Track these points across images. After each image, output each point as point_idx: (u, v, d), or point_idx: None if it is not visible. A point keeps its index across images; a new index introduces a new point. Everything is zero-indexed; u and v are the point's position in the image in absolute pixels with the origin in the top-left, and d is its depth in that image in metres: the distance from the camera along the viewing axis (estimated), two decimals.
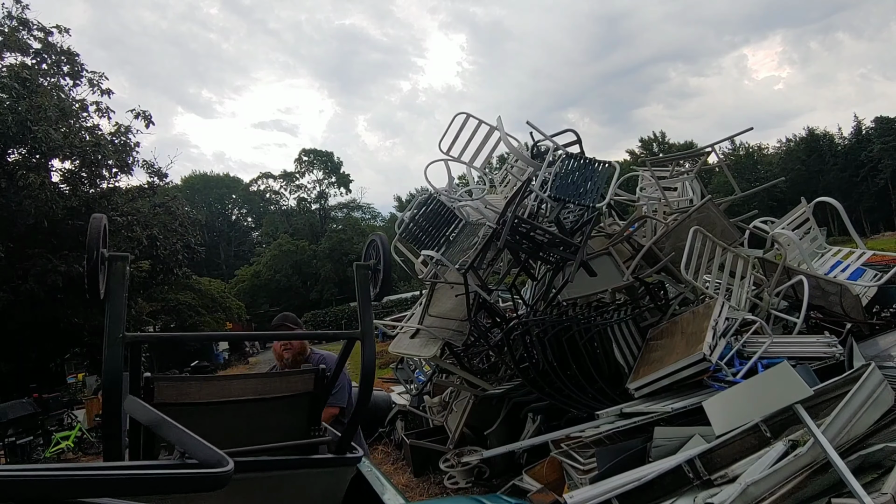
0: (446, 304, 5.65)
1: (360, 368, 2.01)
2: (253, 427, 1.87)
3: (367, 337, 1.95)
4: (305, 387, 2.01)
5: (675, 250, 4.72)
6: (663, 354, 4.24)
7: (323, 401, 2.09)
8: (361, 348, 1.97)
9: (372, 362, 2.00)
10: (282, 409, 1.97)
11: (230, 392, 1.88)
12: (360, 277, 2.05)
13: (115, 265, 1.53)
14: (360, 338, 1.94)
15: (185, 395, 1.77)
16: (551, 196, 5.38)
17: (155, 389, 1.69)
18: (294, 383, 2.00)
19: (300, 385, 2.01)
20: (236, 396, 1.87)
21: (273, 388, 1.95)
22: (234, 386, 1.91)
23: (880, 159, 51.33)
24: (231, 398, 1.86)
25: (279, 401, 1.95)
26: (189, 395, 1.79)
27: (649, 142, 65.56)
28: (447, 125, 6.29)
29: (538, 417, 4.95)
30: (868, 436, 2.85)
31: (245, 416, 1.88)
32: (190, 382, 1.85)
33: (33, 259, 13.08)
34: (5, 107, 12.39)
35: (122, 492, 0.86)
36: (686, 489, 2.89)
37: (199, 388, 1.84)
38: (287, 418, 1.97)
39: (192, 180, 62.98)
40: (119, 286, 1.52)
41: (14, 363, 14.72)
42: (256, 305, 48.86)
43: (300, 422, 2.01)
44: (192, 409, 1.76)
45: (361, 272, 2.07)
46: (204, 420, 1.74)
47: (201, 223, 23.69)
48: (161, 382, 1.73)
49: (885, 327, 4.55)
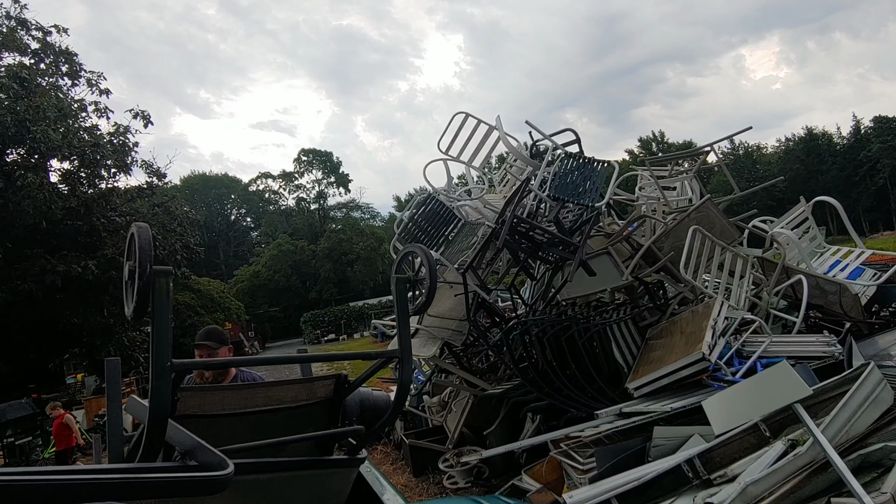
0: (445, 304, 5.65)
1: (398, 387, 1.95)
2: (276, 436, 1.81)
3: (406, 356, 1.84)
4: (326, 393, 1.95)
5: (675, 250, 4.72)
6: (662, 354, 4.24)
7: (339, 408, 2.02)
8: (400, 368, 1.88)
9: (409, 382, 1.91)
10: (303, 416, 1.91)
11: (254, 401, 1.80)
12: (400, 291, 1.88)
13: (159, 282, 1.31)
14: (399, 356, 1.84)
15: (208, 406, 1.71)
16: (550, 195, 5.39)
17: (179, 401, 1.61)
18: (316, 390, 1.94)
19: (322, 391, 1.94)
20: (260, 406, 1.80)
21: (296, 396, 1.89)
22: (258, 394, 1.84)
23: (879, 159, 51.38)
24: (255, 408, 1.79)
25: (301, 409, 1.89)
26: (212, 405, 1.72)
27: (648, 141, 65.60)
28: (446, 125, 6.30)
29: (537, 417, 4.95)
30: (867, 435, 2.85)
31: (268, 425, 1.81)
32: (213, 392, 1.79)
33: (32, 259, 13.05)
34: (4, 107, 12.38)
35: (121, 495, 0.86)
36: (685, 489, 2.89)
37: (221, 397, 1.78)
38: (308, 426, 1.92)
39: (191, 180, 62.91)
40: (164, 306, 1.32)
41: (13, 364, 14.71)
42: (256, 305, 48.86)
43: (321, 430, 1.96)
44: (216, 420, 1.70)
45: (401, 286, 1.89)
46: (227, 430, 1.69)
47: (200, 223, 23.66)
48: (185, 393, 1.65)
49: (884, 326, 4.56)
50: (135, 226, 1.38)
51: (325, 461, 1.94)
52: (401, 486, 5.43)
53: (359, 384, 1.99)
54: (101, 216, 14.40)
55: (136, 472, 1.01)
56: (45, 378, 16.07)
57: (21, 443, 9.51)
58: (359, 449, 1.94)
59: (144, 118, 15.66)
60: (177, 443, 1.33)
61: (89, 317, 14.42)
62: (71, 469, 0.95)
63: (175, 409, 1.57)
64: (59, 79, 15.86)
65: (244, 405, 1.79)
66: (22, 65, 14.61)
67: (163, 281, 1.32)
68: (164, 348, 1.33)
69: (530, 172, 5.86)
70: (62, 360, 17.76)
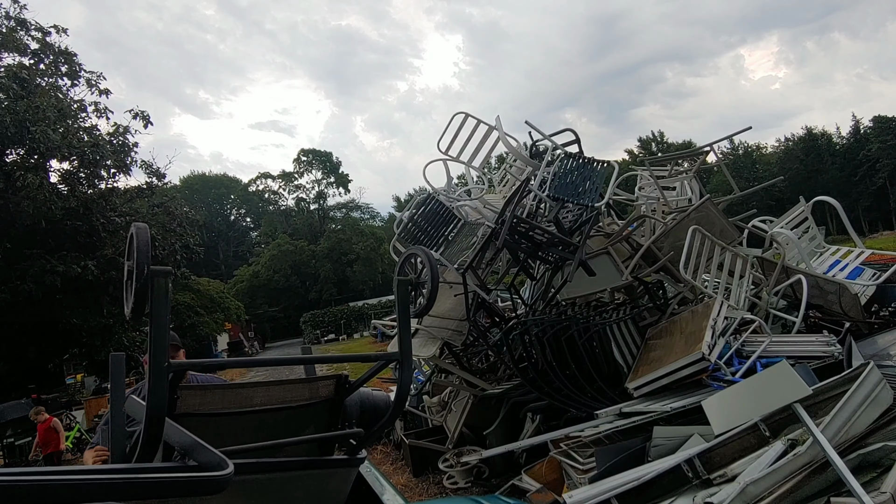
0: (445, 304, 5.65)
1: (397, 389, 1.95)
2: (276, 436, 1.81)
3: (407, 359, 1.84)
4: (327, 392, 1.95)
5: (674, 250, 4.72)
6: (662, 354, 4.24)
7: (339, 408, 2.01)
8: (400, 370, 1.88)
9: (408, 384, 1.90)
10: (304, 416, 1.91)
11: (254, 400, 1.80)
12: (402, 294, 1.87)
13: (157, 282, 1.31)
14: (399, 359, 1.84)
15: (208, 405, 1.71)
16: (550, 195, 5.39)
17: (178, 399, 1.61)
18: (317, 389, 1.93)
19: (323, 391, 1.94)
20: (260, 405, 1.80)
21: (297, 396, 1.88)
22: (258, 393, 1.83)
23: (878, 158, 51.41)
24: (255, 407, 1.79)
25: (302, 408, 1.88)
26: (212, 404, 1.72)
27: (648, 141, 65.61)
28: (445, 125, 6.30)
29: (537, 417, 4.95)
30: (867, 435, 2.86)
31: (269, 425, 1.81)
32: (213, 392, 1.79)
33: (31, 259, 13.04)
34: (3, 107, 12.36)
35: (121, 496, 0.86)
36: (685, 489, 2.89)
37: (222, 396, 1.77)
38: (309, 425, 1.92)
39: (191, 180, 62.88)
40: (162, 306, 1.32)
41: (12, 364, 14.69)
42: (255, 306, 48.82)
43: (321, 430, 1.96)
44: (216, 419, 1.70)
45: (402, 288, 1.88)
46: (228, 429, 1.70)
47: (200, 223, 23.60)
48: (184, 391, 1.65)
49: (883, 326, 4.56)
50: (134, 226, 1.38)
51: (325, 461, 1.93)
52: (401, 486, 5.43)
53: (359, 385, 1.98)
54: (101, 216, 14.38)
55: (136, 473, 1.01)
56: (45, 378, 16.07)
57: (21, 443, 9.51)
58: (358, 449, 1.94)
59: (144, 118, 15.64)
60: (176, 443, 1.33)
61: (89, 317, 14.40)
62: (71, 469, 0.95)
63: (175, 407, 1.58)
64: (59, 79, 15.84)
65: (244, 405, 1.79)
66: (21, 65, 14.58)
67: (161, 282, 1.32)
68: (161, 349, 1.33)
69: (530, 172, 5.86)
70: (62, 361, 17.76)
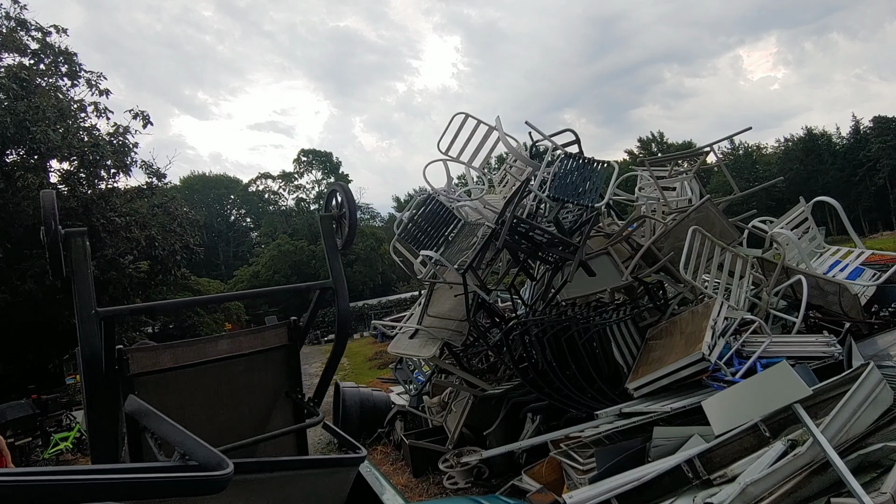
0: (445, 305, 5.65)
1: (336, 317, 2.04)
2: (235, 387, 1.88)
3: (340, 285, 1.98)
4: (279, 340, 2.02)
5: (674, 250, 4.72)
6: (662, 354, 4.24)
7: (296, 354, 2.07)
8: (335, 298, 1.99)
9: (347, 310, 2.03)
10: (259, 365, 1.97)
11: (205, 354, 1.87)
12: (326, 228, 2.06)
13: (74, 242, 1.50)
14: (332, 287, 1.95)
15: (159, 363, 1.77)
16: (550, 196, 5.39)
17: (129, 360, 1.69)
18: (266, 338, 2.01)
19: (273, 339, 2.02)
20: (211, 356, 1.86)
21: (246, 345, 1.95)
22: (207, 348, 1.90)
23: (878, 159, 51.43)
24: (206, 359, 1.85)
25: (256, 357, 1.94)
26: (164, 362, 1.79)
27: (648, 142, 65.61)
28: (445, 125, 6.29)
29: (537, 417, 4.95)
30: (867, 435, 2.86)
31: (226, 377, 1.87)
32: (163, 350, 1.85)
33: (32, 260, 13.03)
34: (3, 107, 12.36)
35: (120, 496, 0.86)
36: (685, 489, 2.89)
37: (172, 354, 1.84)
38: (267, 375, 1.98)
39: (191, 181, 62.90)
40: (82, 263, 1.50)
41: (12, 364, 14.68)
42: (255, 306, 48.68)
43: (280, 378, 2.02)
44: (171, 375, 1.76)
45: (326, 222, 2.08)
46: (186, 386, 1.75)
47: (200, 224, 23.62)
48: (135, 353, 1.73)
49: (883, 326, 4.56)
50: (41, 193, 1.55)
51: (325, 461, 1.94)
52: (401, 486, 5.43)
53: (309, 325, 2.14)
54: (101, 217, 14.37)
55: (135, 473, 1.01)
56: (45, 378, 16.05)
57: (21, 443, 9.50)
58: (357, 448, 1.96)
59: (144, 118, 15.64)
60: (177, 442, 1.33)
61: None
62: (71, 469, 0.95)
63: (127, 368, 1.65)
64: (59, 79, 15.84)
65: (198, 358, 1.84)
66: (21, 65, 14.59)
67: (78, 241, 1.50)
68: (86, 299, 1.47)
69: (530, 173, 5.86)
70: (62, 361, 17.75)
